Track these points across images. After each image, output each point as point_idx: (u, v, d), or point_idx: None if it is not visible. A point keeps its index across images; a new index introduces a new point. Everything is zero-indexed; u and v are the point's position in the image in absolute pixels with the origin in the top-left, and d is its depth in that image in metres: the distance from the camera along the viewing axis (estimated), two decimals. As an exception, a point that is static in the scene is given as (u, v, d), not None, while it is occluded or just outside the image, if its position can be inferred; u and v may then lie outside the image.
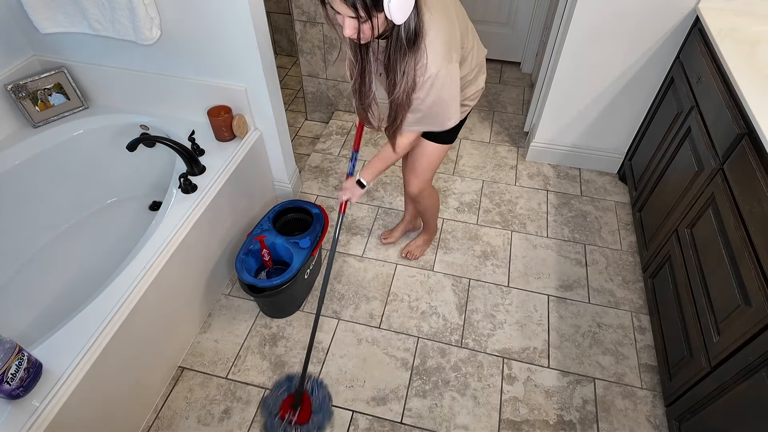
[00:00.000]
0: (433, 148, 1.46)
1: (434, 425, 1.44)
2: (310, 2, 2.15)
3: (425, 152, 1.48)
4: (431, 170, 1.54)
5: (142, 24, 1.48)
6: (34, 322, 1.59)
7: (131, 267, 1.34)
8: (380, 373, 1.56)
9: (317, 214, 1.73)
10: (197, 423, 1.44)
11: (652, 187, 1.79)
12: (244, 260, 1.58)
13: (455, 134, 1.45)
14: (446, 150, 1.49)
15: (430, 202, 1.69)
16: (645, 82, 1.92)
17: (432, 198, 1.68)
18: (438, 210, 1.79)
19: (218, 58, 1.62)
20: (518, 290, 1.80)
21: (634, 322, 1.69)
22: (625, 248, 1.94)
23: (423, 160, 1.50)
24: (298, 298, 1.72)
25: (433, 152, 1.47)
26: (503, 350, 1.62)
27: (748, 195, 1.15)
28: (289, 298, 1.66)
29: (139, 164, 1.90)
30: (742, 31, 1.52)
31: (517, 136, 2.50)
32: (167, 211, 1.49)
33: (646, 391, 1.51)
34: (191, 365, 1.58)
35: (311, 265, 1.69)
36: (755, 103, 1.21)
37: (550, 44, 2.15)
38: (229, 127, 1.73)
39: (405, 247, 1.93)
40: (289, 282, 1.54)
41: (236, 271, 1.56)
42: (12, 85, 1.67)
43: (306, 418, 1.41)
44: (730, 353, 1.12)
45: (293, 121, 2.67)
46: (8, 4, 1.61)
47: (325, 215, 1.73)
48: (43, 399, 1.08)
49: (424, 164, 1.51)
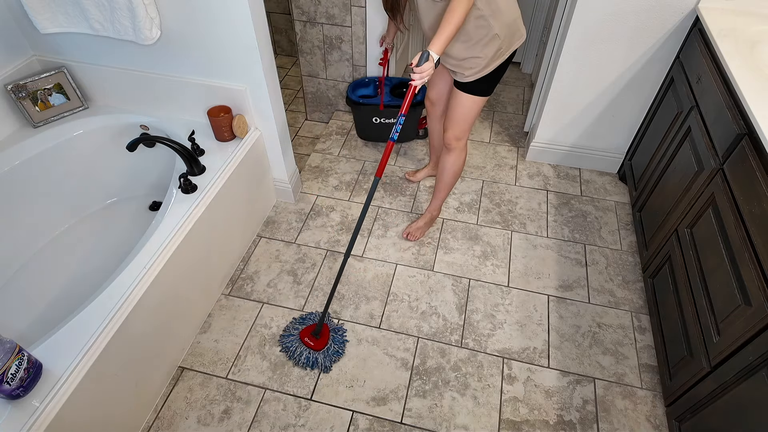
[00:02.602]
0: (469, 100, 1.58)
1: (434, 425, 1.44)
2: (310, 2, 2.15)
3: (461, 103, 1.59)
4: (467, 121, 1.64)
5: (142, 24, 1.48)
6: (34, 322, 1.59)
7: (131, 267, 1.33)
8: (380, 373, 1.56)
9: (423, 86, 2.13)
10: (197, 423, 1.44)
11: (652, 187, 1.79)
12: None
13: (491, 86, 1.56)
14: (481, 103, 1.59)
15: (457, 159, 1.76)
16: (645, 82, 1.92)
17: (460, 156, 1.75)
18: (457, 177, 1.85)
19: (218, 58, 1.62)
20: (518, 290, 1.80)
21: (634, 322, 1.69)
22: (625, 248, 1.94)
23: (459, 110, 1.62)
24: (405, 132, 2.41)
25: (468, 104, 1.59)
26: (503, 350, 1.62)
27: (748, 195, 1.15)
28: (407, 124, 2.35)
29: (139, 164, 1.90)
30: (741, 31, 1.52)
31: (517, 136, 2.50)
32: (167, 211, 1.49)
33: (646, 391, 1.51)
34: (191, 365, 1.58)
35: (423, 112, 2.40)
36: (755, 103, 1.21)
37: (550, 44, 2.15)
38: (229, 127, 1.73)
39: (406, 228, 1.98)
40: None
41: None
42: (12, 85, 1.67)
43: (321, 347, 1.57)
44: (730, 353, 1.13)
45: (293, 121, 2.67)
46: (8, 4, 1.61)
47: None
48: (43, 399, 1.07)
49: (459, 114, 1.62)
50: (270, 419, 1.45)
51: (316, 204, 2.13)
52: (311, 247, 1.95)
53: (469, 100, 1.58)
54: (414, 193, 2.18)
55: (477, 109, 1.61)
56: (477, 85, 1.54)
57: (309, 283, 1.82)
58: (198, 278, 1.61)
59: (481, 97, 1.58)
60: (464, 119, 1.63)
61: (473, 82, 1.53)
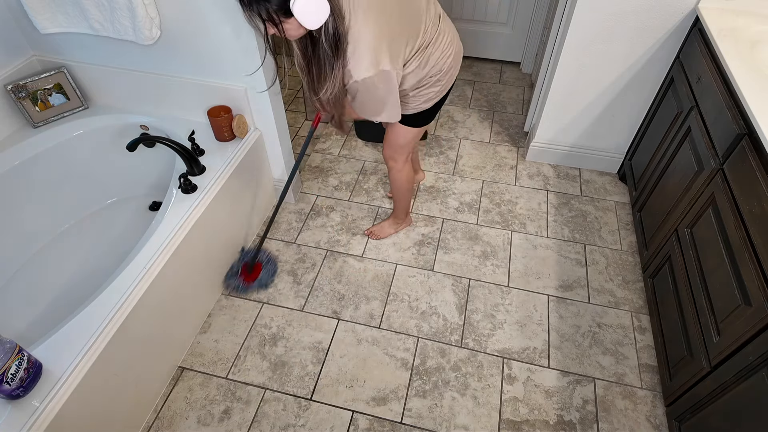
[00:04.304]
0: (400, 128, 1.56)
1: (434, 425, 1.44)
2: (310, 2, 2.14)
3: (392, 128, 1.60)
4: (398, 144, 1.62)
5: (141, 24, 1.48)
6: (34, 322, 1.59)
7: (131, 267, 1.34)
8: (380, 373, 1.56)
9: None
10: (197, 423, 1.44)
11: (652, 187, 1.79)
12: None
13: (424, 120, 1.52)
14: (414, 132, 1.57)
15: (399, 176, 1.73)
16: (645, 82, 1.92)
17: (401, 174, 1.71)
18: (406, 193, 1.82)
19: (218, 58, 1.62)
20: (518, 290, 1.80)
21: (634, 322, 1.69)
22: (625, 248, 1.94)
23: (390, 135, 1.62)
24: None
25: (399, 131, 1.57)
26: (503, 350, 1.62)
27: (748, 195, 1.15)
28: None
29: (139, 164, 1.90)
30: (741, 31, 1.52)
31: (517, 136, 2.50)
32: (167, 211, 1.49)
33: (646, 391, 1.51)
34: (191, 365, 1.58)
35: None
36: (755, 103, 1.21)
37: (550, 44, 2.15)
38: (229, 127, 1.73)
39: (370, 227, 1.99)
40: None
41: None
42: (12, 85, 1.67)
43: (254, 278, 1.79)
44: (730, 353, 1.12)
45: (293, 121, 2.67)
46: (8, 4, 1.61)
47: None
48: (43, 399, 1.08)
49: (391, 138, 1.63)
50: (270, 419, 1.45)
51: (316, 204, 2.13)
52: (311, 247, 1.95)
53: (401, 129, 1.56)
54: (414, 193, 2.18)
55: (409, 138, 1.58)
56: (408, 118, 1.49)
57: (309, 283, 1.82)
58: (198, 278, 1.61)
59: (414, 128, 1.55)
60: (396, 142, 1.61)
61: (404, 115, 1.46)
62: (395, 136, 1.60)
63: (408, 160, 1.70)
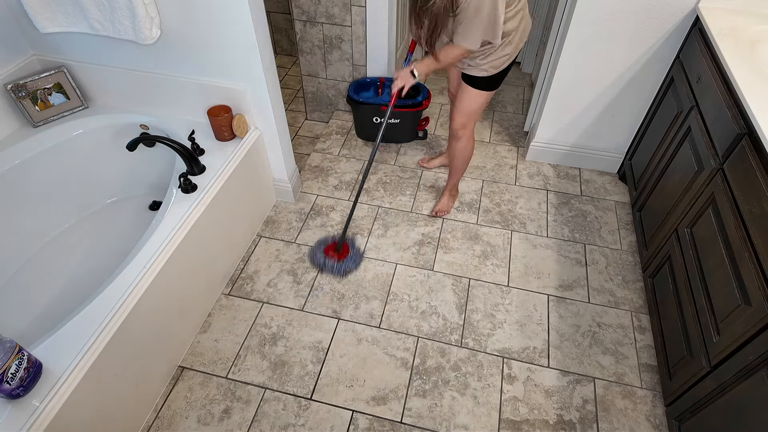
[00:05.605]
0: (473, 93, 1.67)
1: (434, 425, 1.44)
2: (310, 2, 2.15)
3: (466, 94, 1.69)
4: (470, 112, 1.73)
5: (142, 24, 1.48)
6: (34, 322, 1.59)
7: (131, 267, 1.33)
8: (380, 373, 1.56)
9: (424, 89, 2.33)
10: (197, 423, 1.44)
11: (652, 187, 1.79)
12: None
13: (494, 84, 1.64)
14: (485, 96, 1.68)
15: (465, 145, 1.85)
16: (645, 82, 1.92)
17: (468, 143, 1.84)
18: (467, 162, 1.94)
19: (218, 57, 1.62)
20: (518, 290, 1.80)
21: (634, 322, 1.69)
22: (625, 248, 1.94)
23: (464, 101, 1.71)
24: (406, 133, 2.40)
25: (472, 96, 1.68)
26: (503, 350, 1.62)
27: (748, 195, 1.15)
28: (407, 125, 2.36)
29: (139, 164, 1.90)
30: (741, 30, 1.52)
31: (517, 135, 2.50)
32: (167, 211, 1.49)
33: (646, 391, 1.51)
34: (191, 365, 1.58)
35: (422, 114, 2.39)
36: (755, 103, 1.21)
37: (550, 44, 2.15)
38: (229, 127, 1.73)
39: (433, 207, 2.08)
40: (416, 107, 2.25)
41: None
42: (12, 84, 1.67)
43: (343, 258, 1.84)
44: (730, 353, 1.13)
45: (293, 121, 2.67)
46: (8, 4, 1.61)
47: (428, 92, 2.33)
48: (43, 399, 1.07)
49: (464, 105, 1.72)
50: (270, 419, 1.45)
51: (316, 204, 2.13)
52: (311, 247, 1.95)
53: (474, 93, 1.67)
54: (414, 193, 2.18)
55: (481, 102, 1.70)
56: (481, 81, 1.63)
57: (309, 283, 1.82)
58: (198, 278, 1.61)
59: (486, 91, 1.66)
60: (467, 109, 1.72)
61: (478, 78, 1.62)
62: (469, 102, 1.69)
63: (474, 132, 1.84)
